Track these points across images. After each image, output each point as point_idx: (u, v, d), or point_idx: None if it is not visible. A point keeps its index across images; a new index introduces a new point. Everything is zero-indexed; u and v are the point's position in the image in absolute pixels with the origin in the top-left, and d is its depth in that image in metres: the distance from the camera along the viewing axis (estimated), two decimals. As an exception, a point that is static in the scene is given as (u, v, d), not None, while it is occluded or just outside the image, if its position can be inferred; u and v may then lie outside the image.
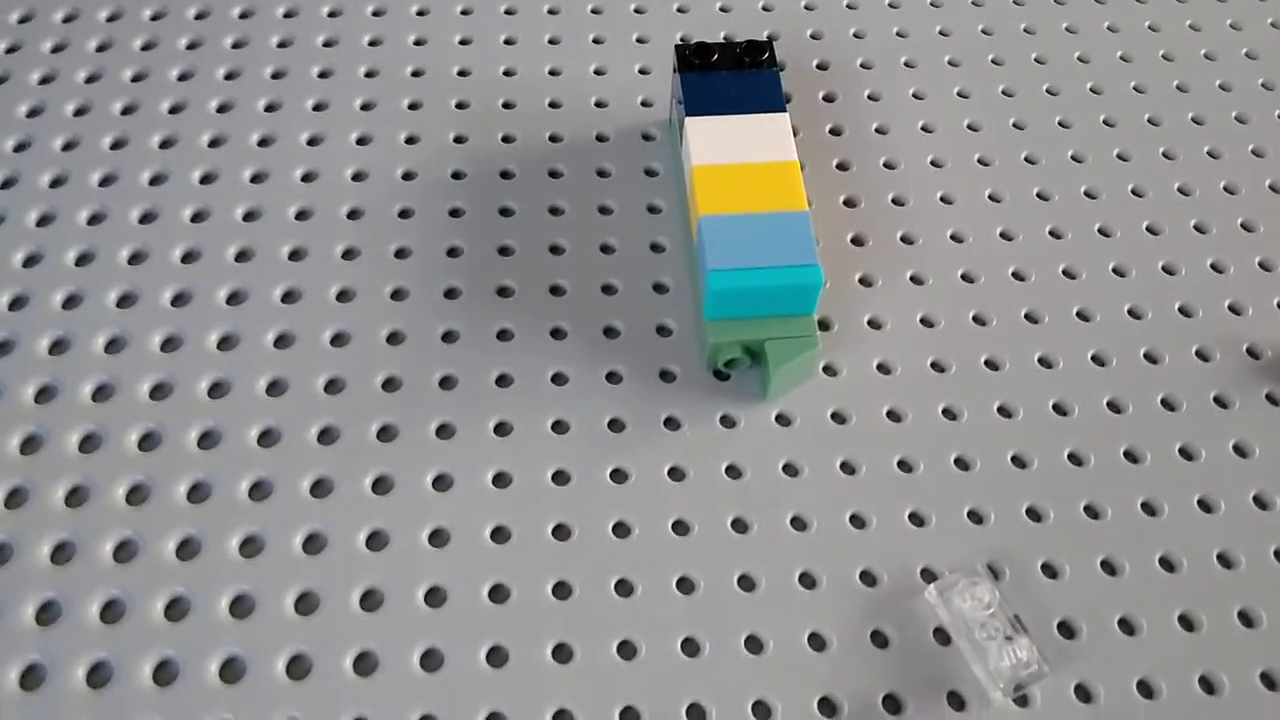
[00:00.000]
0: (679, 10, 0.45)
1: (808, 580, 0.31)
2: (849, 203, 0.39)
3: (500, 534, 0.32)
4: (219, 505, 0.32)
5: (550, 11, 0.44)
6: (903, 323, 0.36)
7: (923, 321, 0.36)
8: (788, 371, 0.33)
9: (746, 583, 0.31)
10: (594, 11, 0.44)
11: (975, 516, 0.33)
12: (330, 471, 0.32)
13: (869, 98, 0.42)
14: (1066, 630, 0.31)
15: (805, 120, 0.41)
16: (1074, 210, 0.39)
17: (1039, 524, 0.33)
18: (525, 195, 0.39)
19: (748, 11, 0.45)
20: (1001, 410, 0.35)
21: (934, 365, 0.35)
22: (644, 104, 0.41)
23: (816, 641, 0.30)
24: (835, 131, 0.41)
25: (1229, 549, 0.32)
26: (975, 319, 0.37)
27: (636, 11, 0.44)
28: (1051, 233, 0.39)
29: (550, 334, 0.35)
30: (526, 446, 0.33)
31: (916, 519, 0.33)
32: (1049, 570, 0.32)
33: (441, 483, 0.32)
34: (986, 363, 0.36)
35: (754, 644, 0.30)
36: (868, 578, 0.31)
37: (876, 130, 0.41)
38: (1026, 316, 0.37)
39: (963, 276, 0.37)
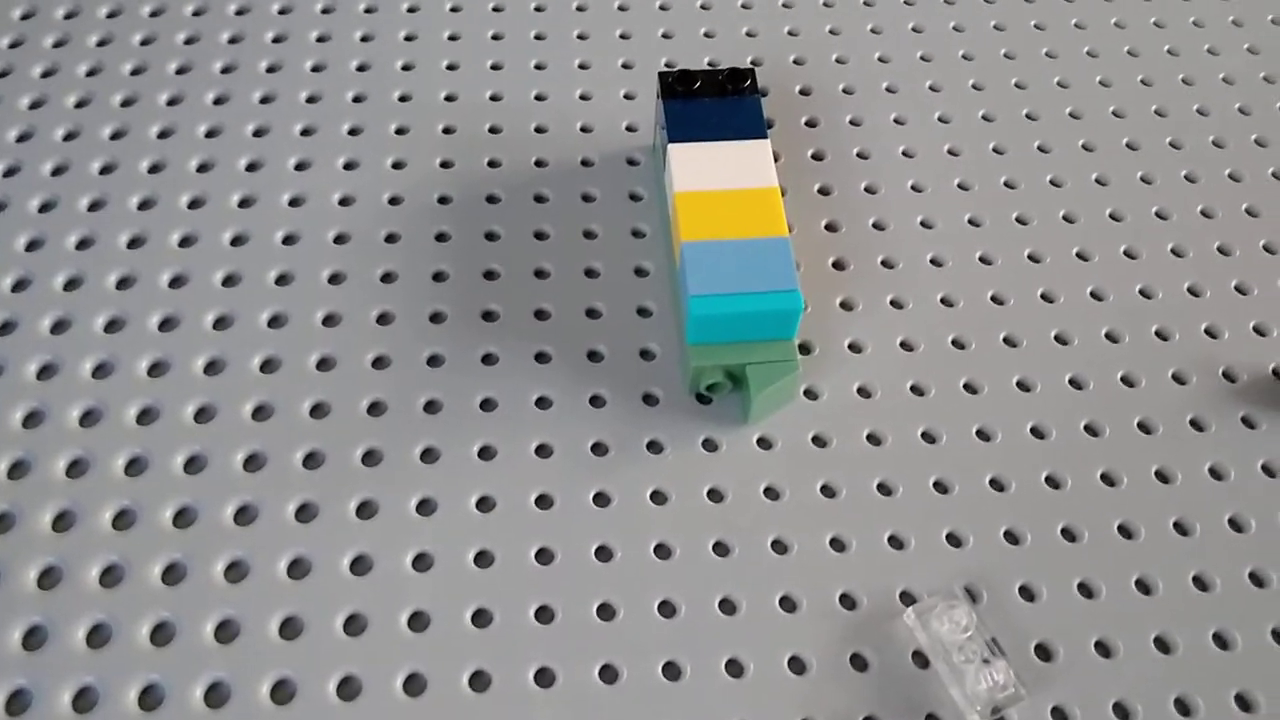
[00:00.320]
0: (664, 36, 0.45)
1: (788, 604, 0.32)
2: (830, 227, 0.40)
3: (484, 558, 0.32)
4: (205, 529, 0.32)
5: (537, 37, 0.45)
6: (883, 346, 0.37)
7: (903, 345, 0.37)
8: (769, 395, 0.34)
9: (728, 606, 0.32)
10: (580, 37, 0.45)
11: (954, 539, 0.33)
12: (315, 496, 0.33)
13: (850, 123, 0.43)
14: (1044, 652, 0.31)
15: (787, 145, 0.42)
16: (1052, 234, 0.40)
17: (1017, 546, 0.33)
18: (510, 220, 0.39)
19: (731, 37, 0.45)
20: (980, 433, 0.35)
21: (914, 389, 0.36)
22: (629, 129, 0.42)
23: (796, 665, 0.31)
24: (817, 156, 0.42)
25: (1204, 571, 0.33)
26: (955, 342, 0.37)
27: (622, 37, 0.45)
28: (1031, 256, 0.39)
29: (535, 358, 0.36)
30: (510, 470, 0.33)
31: (896, 541, 0.33)
32: (1026, 592, 0.32)
33: (426, 507, 0.33)
34: (966, 386, 0.36)
35: (735, 667, 0.31)
36: (847, 601, 0.32)
37: (858, 155, 0.42)
38: (1005, 340, 0.37)
39: (942, 300, 0.38)
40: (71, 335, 0.35)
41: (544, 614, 0.31)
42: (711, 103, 0.37)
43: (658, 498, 0.33)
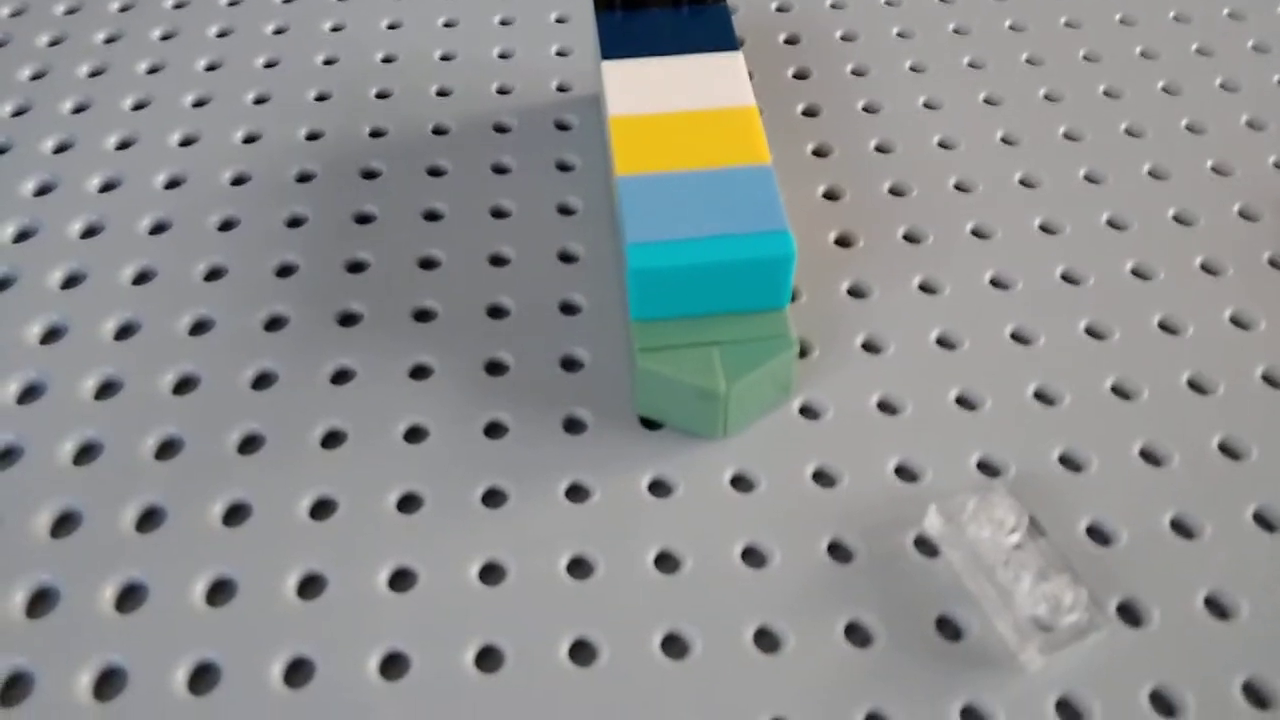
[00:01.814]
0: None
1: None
2: (830, 195, 0.29)
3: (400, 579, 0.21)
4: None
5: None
6: (909, 342, 0.26)
7: (940, 342, 0.26)
8: (751, 389, 0.23)
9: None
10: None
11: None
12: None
13: (853, 73, 0.33)
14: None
15: (761, 65, 0.32)
16: (1113, 153, 0.30)
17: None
18: (391, 196, 0.29)
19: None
20: (1066, 461, 0.24)
21: (960, 400, 0.25)
22: (559, 89, 0.32)
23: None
24: (800, 75, 0.32)
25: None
26: (995, 282, 0.26)
27: None
28: (1089, 176, 0.29)
29: (410, 374, 0.25)
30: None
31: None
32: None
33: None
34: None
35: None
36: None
37: (853, 73, 0.32)
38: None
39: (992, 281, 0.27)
40: None
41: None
42: (662, 14, 0.27)
43: (577, 568, 0.22)
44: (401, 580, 0.22)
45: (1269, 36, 0.34)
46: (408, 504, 0.23)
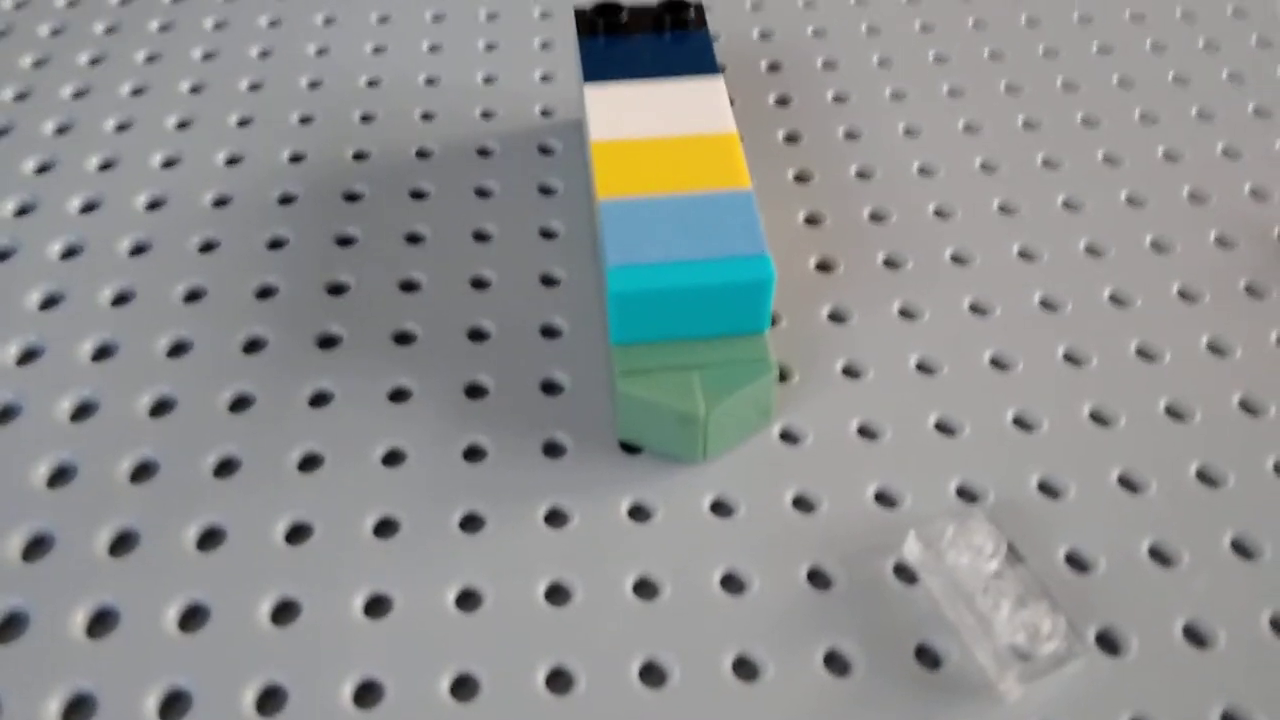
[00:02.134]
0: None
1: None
2: (811, 220, 0.30)
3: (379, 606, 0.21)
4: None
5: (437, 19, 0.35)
6: (888, 367, 0.26)
7: (940, 426, 0.26)
8: (731, 414, 0.23)
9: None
10: (490, 17, 0.36)
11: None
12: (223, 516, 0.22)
13: (834, 99, 0.33)
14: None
15: (744, 91, 0.32)
16: (1091, 180, 0.30)
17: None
18: (373, 217, 0.29)
19: None
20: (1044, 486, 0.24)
21: (940, 426, 0.25)
22: (543, 114, 0.32)
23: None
24: (782, 101, 0.32)
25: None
26: (974, 307, 0.26)
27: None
28: (1066, 203, 0.29)
29: (389, 398, 0.25)
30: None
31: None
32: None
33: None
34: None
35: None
36: None
37: (835, 99, 0.32)
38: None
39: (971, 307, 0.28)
40: None
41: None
42: (644, 39, 0.27)
43: (556, 595, 0.22)
44: (377, 606, 0.22)
45: (1243, 66, 0.35)
46: (385, 528, 0.23)
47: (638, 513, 0.23)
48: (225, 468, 0.24)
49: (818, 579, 0.22)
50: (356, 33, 0.35)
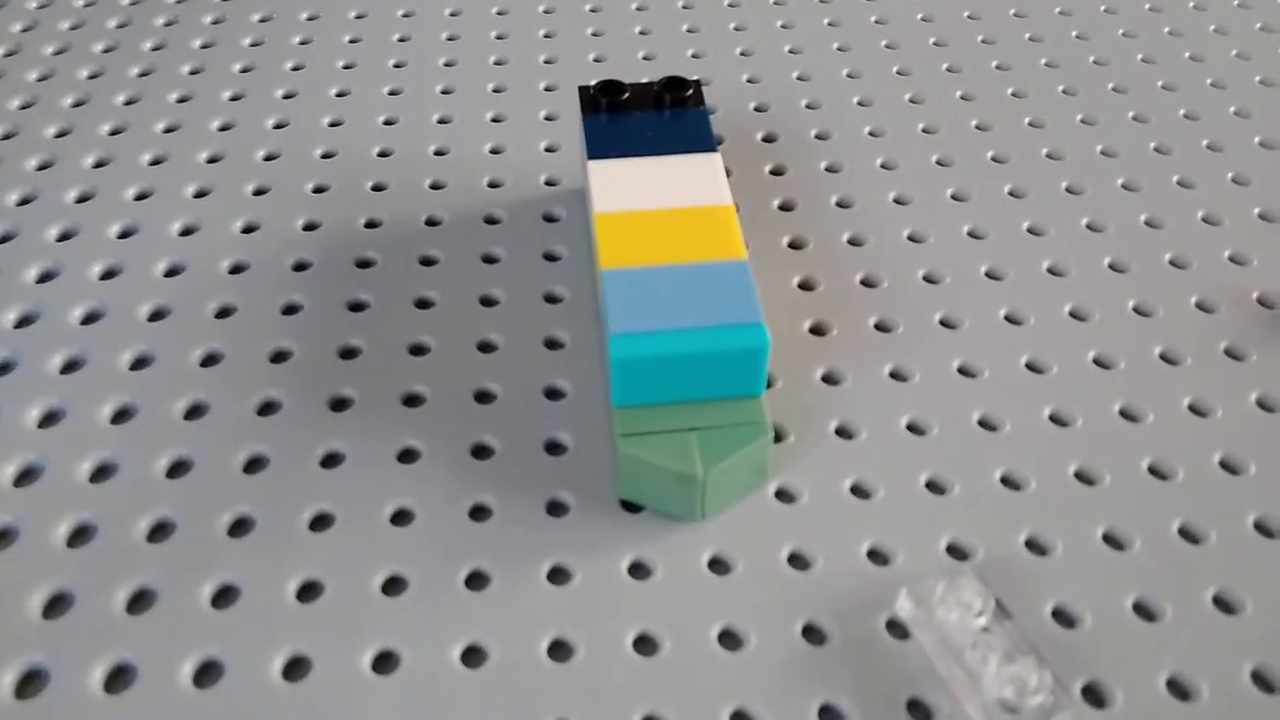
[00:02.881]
0: (595, 60, 0.38)
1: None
2: (805, 285, 0.31)
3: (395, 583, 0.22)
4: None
5: (446, 64, 0.37)
6: (882, 427, 0.27)
7: (929, 487, 0.27)
8: (728, 475, 0.24)
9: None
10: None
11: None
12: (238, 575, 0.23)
13: (826, 169, 0.34)
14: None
15: (740, 162, 0.34)
16: (1074, 245, 0.31)
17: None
18: (386, 283, 0.30)
19: (675, 58, 0.38)
20: (1031, 544, 0.25)
21: (930, 485, 0.26)
22: (548, 183, 0.34)
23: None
24: (777, 172, 0.33)
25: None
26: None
27: (545, 61, 0.37)
28: (1051, 270, 0.30)
29: (398, 458, 0.26)
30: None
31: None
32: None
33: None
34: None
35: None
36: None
37: (826, 169, 0.33)
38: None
39: (942, 321, 0.28)
40: None
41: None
42: (645, 116, 0.29)
43: (558, 650, 0.23)
44: (385, 663, 0.22)
45: (1222, 136, 0.36)
46: (393, 586, 0.23)
47: (637, 570, 0.24)
48: (239, 527, 0.25)
49: (813, 634, 0.23)
50: (369, 106, 0.36)
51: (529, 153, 0.35)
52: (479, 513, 0.25)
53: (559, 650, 0.23)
